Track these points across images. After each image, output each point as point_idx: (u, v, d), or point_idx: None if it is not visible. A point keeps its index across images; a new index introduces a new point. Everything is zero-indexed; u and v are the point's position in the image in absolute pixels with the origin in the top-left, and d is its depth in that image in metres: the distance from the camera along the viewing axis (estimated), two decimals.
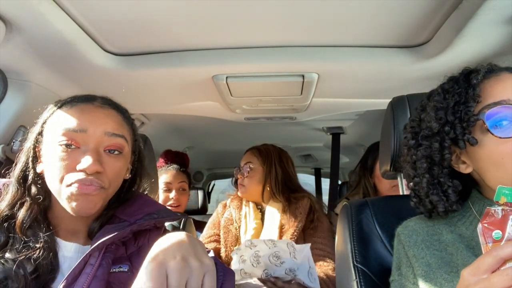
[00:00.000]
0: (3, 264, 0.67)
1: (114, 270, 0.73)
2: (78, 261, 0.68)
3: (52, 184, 0.74)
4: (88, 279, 0.67)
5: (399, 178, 1.09)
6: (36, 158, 0.79)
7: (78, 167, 0.72)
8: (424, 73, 1.24)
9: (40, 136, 0.79)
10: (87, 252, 0.69)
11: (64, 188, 0.72)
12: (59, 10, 0.89)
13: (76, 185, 0.71)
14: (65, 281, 0.66)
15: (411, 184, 0.79)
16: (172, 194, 1.87)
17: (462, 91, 0.71)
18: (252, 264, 1.21)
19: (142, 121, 1.99)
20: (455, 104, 0.71)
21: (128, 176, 0.86)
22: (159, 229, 0.86)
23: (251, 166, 1.68)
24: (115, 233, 0.73)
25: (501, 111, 0.65)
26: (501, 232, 0.50)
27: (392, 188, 1.62)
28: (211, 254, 0.72)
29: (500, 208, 0.53)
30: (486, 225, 0.53)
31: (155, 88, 1.39)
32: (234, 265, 1.24)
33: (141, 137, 1.16)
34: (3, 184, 0.79)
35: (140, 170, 0.90)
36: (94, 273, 0.68)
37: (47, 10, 0.85)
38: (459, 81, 0.74)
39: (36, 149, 0.79)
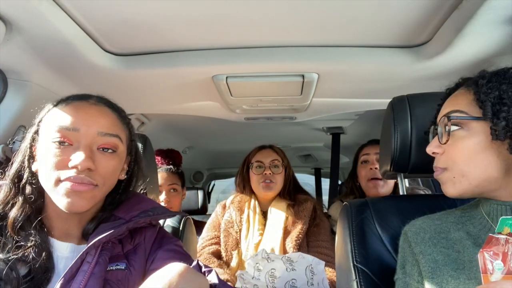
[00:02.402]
0: None
1: (111, 268, 0.74)
2: (75, 259, 0.68)
3: (45, 181, 0.74)
4: (85, 277, 0.67)
5: (399, 178, 1.09)
6: (32, 157, 0.79)
7: (70, 164, 0.71)
8: (424, 73, 1.24)
9: (36, 135, 0.79)
10: (84, 250, 0.69)
11: (56, 184, 0.72)
12: (59, 10, 0.89)
13: (68, 182, 0.71)
14: (62, 279, 0.66)
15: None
16: (162, 197, 1.84)
17: None
18: (267, 286, 1.19)
19: (142, 121, 1.98)
20: None
21: (123, 177, 0.85)
22: (155, 226, 0.86)
23: (278, 163, 1.67)
24: (112, 231, 0.73)
25: None
26: (502, 264, 0.50)
27: (370, 180, 1.68)
28: (213, 275, 0.70)
29: (503, 237, 0.52)
30: (487, 253, 0.52)
31: (155, 88, 1.39)
32: (249, 271, 1.24)
33: (141, 137, 1.16)
34: None
35: (136, 171, 0.89)
36: (91, 271, 0.68)
37: (47, 10, 0.85)
38: None
39: (33, 148, 0.79)
